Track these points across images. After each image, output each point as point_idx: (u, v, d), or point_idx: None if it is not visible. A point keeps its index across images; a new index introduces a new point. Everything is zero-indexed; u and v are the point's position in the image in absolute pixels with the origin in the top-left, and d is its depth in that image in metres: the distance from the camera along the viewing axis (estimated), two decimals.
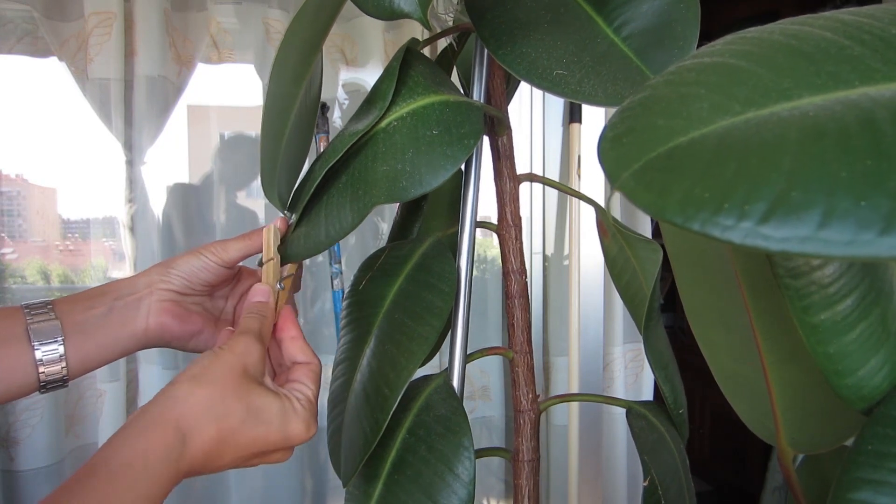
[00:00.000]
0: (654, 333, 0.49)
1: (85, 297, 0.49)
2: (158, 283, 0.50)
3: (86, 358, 0.47)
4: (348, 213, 0.43)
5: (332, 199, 0.45)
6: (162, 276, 0.50)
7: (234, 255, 0.51)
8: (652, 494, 0.47)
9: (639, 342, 1.50)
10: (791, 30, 0.26)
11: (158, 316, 0.49)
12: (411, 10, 0.37)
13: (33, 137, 1.30)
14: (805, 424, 0.40)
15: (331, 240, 0.44)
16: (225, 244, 0.51)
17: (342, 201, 0.44)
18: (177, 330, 0.50)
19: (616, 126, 0.25)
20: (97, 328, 0.48)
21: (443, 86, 0.46)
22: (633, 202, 0.22)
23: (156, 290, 0.49)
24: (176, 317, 0.50)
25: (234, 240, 0.51)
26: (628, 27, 0.41)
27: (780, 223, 0.19)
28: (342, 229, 0.43)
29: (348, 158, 0.44)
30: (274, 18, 1.34)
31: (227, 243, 0.51)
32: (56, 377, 0.46)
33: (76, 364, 0.47)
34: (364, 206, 0.42)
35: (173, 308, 0.50)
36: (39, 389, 0.46)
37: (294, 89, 0.47)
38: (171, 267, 0.50)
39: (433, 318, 0.45)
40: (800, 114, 0.22)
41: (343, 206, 0.43)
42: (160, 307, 0.49)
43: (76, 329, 0.47)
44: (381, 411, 0.44)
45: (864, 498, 0.26)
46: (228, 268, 0.51)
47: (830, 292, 0.28)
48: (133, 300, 0.49)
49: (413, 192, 0.41)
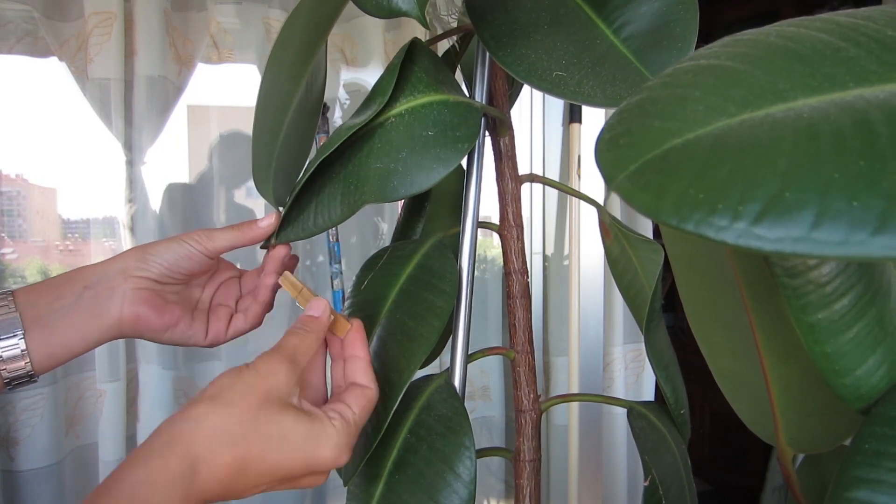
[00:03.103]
0: (655, 334, 0.49)
1: (49, 285, 0.45)
2: (134, 269, 0.46)
3: (52, 352, 0.44)
4: (338, 205, 0.43)
5: (325, 189, 0.45)
6: (139, 261, 0.47)
7: (219, 245, 0.49)
8: (653, 495, 0.47)
9: (639, 342, 1.50)
10: (787, 32, 0.26)
11: (133, 305, 0.46)
12: (409, 8, 0.38)
13: (33, 137, 1.30)
14: (805, 424, 0.40)
15: (318, 228, 0.44)
16: (210, 233, 0.48)
17: (334, 192, 0.44)
18: (153, 321, 0.47)
19: (613, 128, 0.25)
20: (63, 319, 0.44)
21: (445, 84, 0.46)
22: (629, 203, 0.22)
23: (131, 278, 0.46)
24: (153, 307, 0.46)
25: (220, 230, 0.49)
26: (627, 28, 0.41)
27: (773, 224, 0.19)
28: (331, 220, 0.43)
29: (346, 151, 0.44)
30: (274, 18, 1.34)
31: (212, 232, 0.49)
32: (20, 373, 0.43)
33: (42, 358, 0.44)
34: (354, 203, 0.42)
35: (150, 297, 0.46)
36: (4, 387, 0.44)
37: (292, 86, 0.47)
38: (150, 253, 0.47)
39: (434, 318, 0.45)
40: (795, 115, 0.22)
41: (334, 197, 0.44)
42: (136, 296, 0.46)
43: (39, 322, 0.44)
44: (382, 411, 0.44)
45: (861, 497, 0.26)
46: (212, 258, 0.49)
47: (827, 291, 0.29)
48: (105, 289, 0.46)
49: (403, 193, 0.42)
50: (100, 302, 0.45)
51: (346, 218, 0.43)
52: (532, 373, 0.55)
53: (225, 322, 0.51)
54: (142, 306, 0.46)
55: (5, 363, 0.43)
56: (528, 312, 0.55)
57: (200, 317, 0.50)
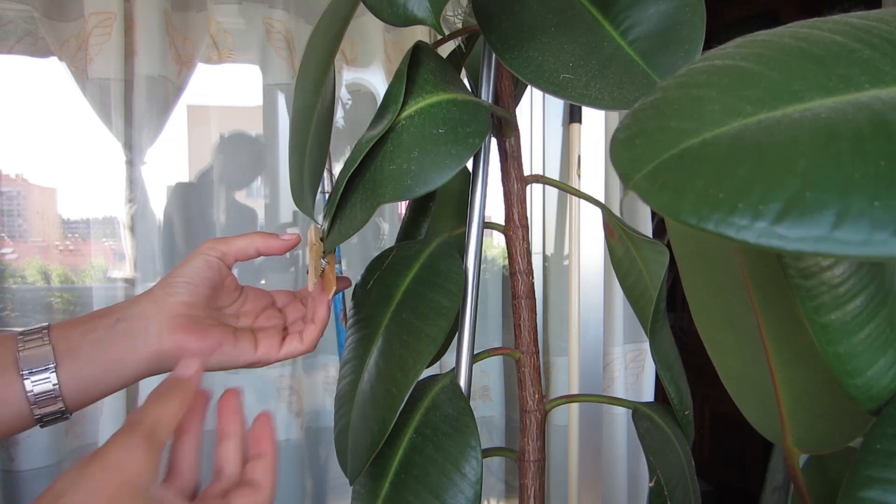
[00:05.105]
0: (660, 334, 0.49)
1: (84, 319, 0.44)
2: (164, 297, 0.45)
3: (86, 387, 0.42)
4: (358, 211, 0.43)
5: (347, 199, 0.45)
6: (165, 287, 0.46)
7: (234, 249, 0.48)
8: (658, 495, 0.47)
9: (639, 342, 1.50)
10: (801, 33, 0.26)
11: (173, 334, 0.44)
12: (425, 15, 0.38)
13: (33, 137, 1.30)
14: (812, 425, 0.40)
15: (343, 237, 0.45)
16: (221, 240, 0.48)
17: (354, 201, 0.44)
18: (194, 346, 0.45)
19: (628, 128, 0.25)
20: (98, 352, 0.43)
21: (451, 84, 0.46)
22: (648, 203, 0.22)
23: (163, 308, 0.45)
24: (192, 332, 0.45)
25: (238, 236, 0.49)
26: (634, 31, 0.41)
27: (794, 223, 0.19)
28: (353, 227, 0.44)
29: (363, 160, 0.45)
30: (275, 18, 1.34)
31: (223, 239, 0.48)
32: (51, 410, 0.41)
33: (75, 394, 0.42)
34: (371, 205, 0.42)
35: (187, 324, 0.45)
36: (36, 423, 0.42)
37: (314, 99, 0.48)
38: (172, 276, 0.47)
39: (440, 318, 0.45)
40: (812, 116, 0.22)
41: (354, 205, 0.44)
42: (172, 324, 0.44)
43: (72, 354, 0.42)
44: (388, 410, 0.44)
45: (873, 496, 0.27)
46: (228, 265, 0.49)
47: (840, 292, 0.29)
48: (139, 321, 0.44)
49: (418, 191, 0.42)
50: (135, 334, 0.44)
51: (366, 222, 0.43)
52: (537, 373, 0.55)
53: (277, 340, 0.49)
54: (180, 333, 0.44)
55: (36, 397, 0.40)
56: (532, 313, 0.55)
57: (245, 336, 0.48)
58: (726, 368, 0.46)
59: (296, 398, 1.38)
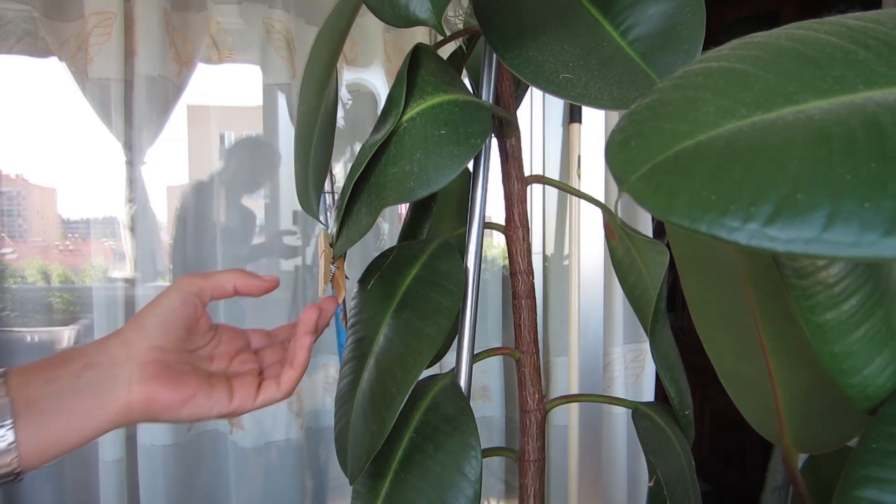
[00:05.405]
0: (661, 334, 0.49)
1: (47, 364, 0.39)
2: (135, 340, 0.42)
3: (45, 444, 0.38)
4: (364, 216, 0.44)
5: (354, 204, 0.45)
6: (136, 331, 0.42)
7: (209, 286, 0.46)
8: (657, 495, 0.47)
9: (639, 342, 1.50)
10: (797, 35, 0.26)
11: (143, 384, 0.40)
12: (426, 16, 0.38)
13: (33, 137, 1.30)
14: (809, 425, 0.40)
15: (350, 242, 0.45)
16: (199, 275, 0.46)
17: (360, 206, 0.44)
18: (167, 398, 0.41)
19: (624, 129, 0.25)
20: (61, 405, 0.38)
21: (452, 85, 0.46)
22: (642, 205, 0.22)
23: (135, 352, 0.41)
24: (165, 382, 0.41)
25: (208, 273, 0.46)
26: (634, 31, 0.41)
27: (785, 225, 0.20)
28: (360, 231, 0.44)
29: (368, 165, 0.45)
30: (275, 18, 1.34)
31: (202, 274, 0.46)
32: (5, 471, 0.37)
33: (32, 452, 0.37)
34: (376, 209, 0.42)
35: (159, 372, 0.41)
36: None
37: (318, 101, 0.48)
38: (144, 316, 0.43)
39: (441, 317, 0.45)
40: (805, 118, 0.22)
41: (360, 210, 0.44)
42: (143, 373, 0.41)
43: (33, 408, 0.37)
44: (388, 410, 0.44)
45: (868, 495, 0.27)
46: (204, 303, 0.46)
47: (836, 292, 0.29)
48: (108, 369, 0.40)
49: (420, 192, 0.42)
50: (103, 384, 0.40)
51: (372, 226, 0.43)
52: (537, 373, 0.56)
53: (253, 388, 0.46)
54: (152, 383, 0.41)
55: None
56: (533, 313, 0.55)
57: (220, 384, 0.45)
58: (725, 368, 0.46)
59: (296, 398, 1.38)
